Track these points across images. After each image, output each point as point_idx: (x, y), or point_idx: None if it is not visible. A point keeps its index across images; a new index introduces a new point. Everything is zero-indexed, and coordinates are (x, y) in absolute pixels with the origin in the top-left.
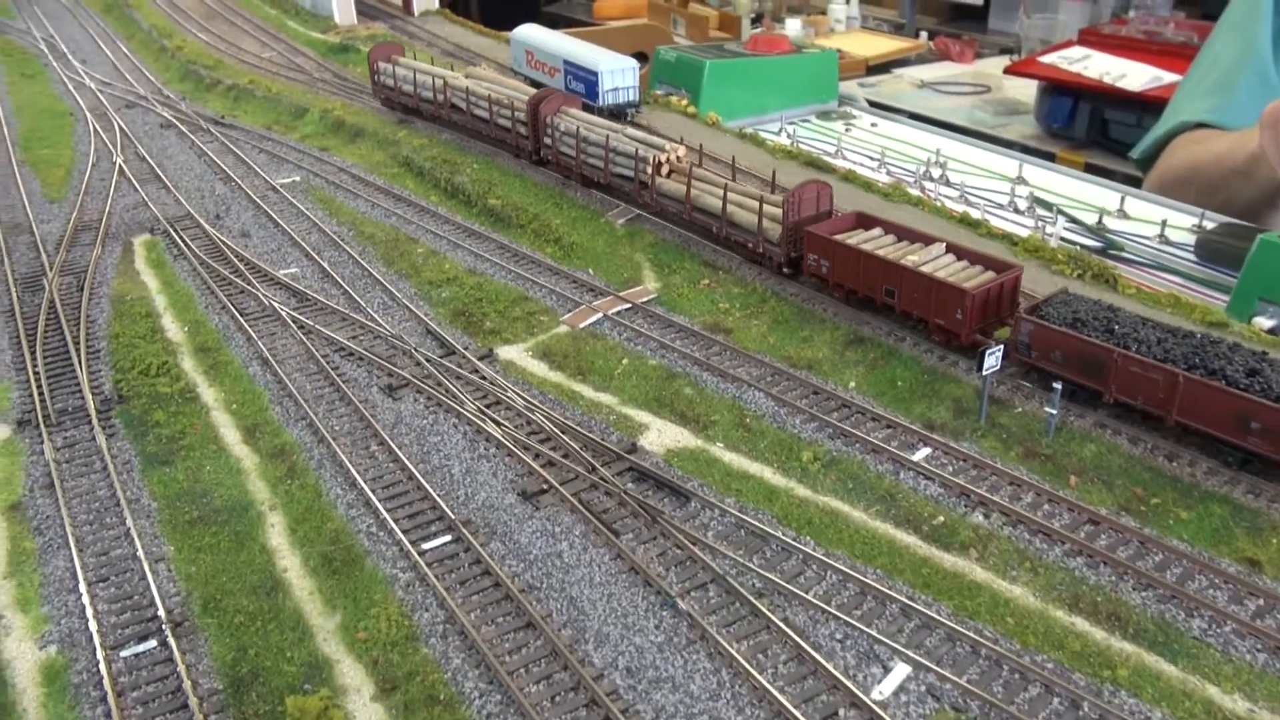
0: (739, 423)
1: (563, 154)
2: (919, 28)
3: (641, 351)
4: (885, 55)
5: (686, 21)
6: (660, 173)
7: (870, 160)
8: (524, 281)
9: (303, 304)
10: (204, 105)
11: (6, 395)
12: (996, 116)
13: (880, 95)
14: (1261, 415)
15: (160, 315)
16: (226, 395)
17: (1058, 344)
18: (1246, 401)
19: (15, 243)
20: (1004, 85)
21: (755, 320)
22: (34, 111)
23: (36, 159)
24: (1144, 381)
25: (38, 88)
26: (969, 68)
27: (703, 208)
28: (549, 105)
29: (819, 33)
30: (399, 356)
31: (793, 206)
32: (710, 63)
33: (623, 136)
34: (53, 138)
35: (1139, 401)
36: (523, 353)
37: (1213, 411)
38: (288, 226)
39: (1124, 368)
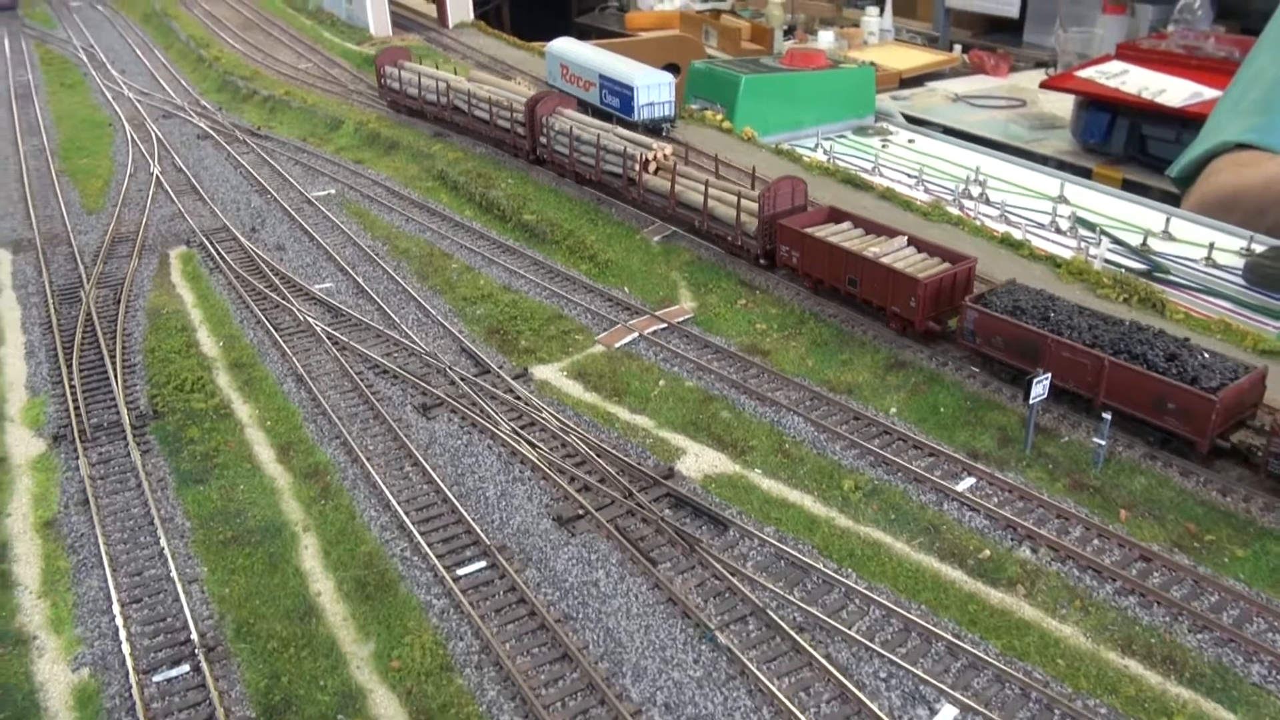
0: (778, 448)
1: (557, 153)
2: (953, 41)
3: (678, 373)
4: (919, 68)
5: (719, 33)
6: (648, 169)
7: (908, 178)
8: (559, 299)
9: (337, 319)
10: (240, 116)
11: (43, 409)
12: (1032, 131)
13: (914, 109)
14: (1176, 397)
15: (195, 329)
16: (261, 412)
17: (999, 330)
18: (1164, 384)
19: (53, 254)
20: (1039, 99)
21: (793, 342)
22: (73, 121)
23: (75, 169)
24: (1075, 366)
25: (77, 97)
26: (1004, 81)
27: (686, 203)
28: (545, 106)
29: (852, 45)
30: (433, 375)
31: (768, 200)
32: (746, 77)
33: (613, 136)
34: (91, 148)
35: (1070, 384)
36: (558, 372)
37: (1135, 393)
38: (323, 240)
39: (1057, 353)
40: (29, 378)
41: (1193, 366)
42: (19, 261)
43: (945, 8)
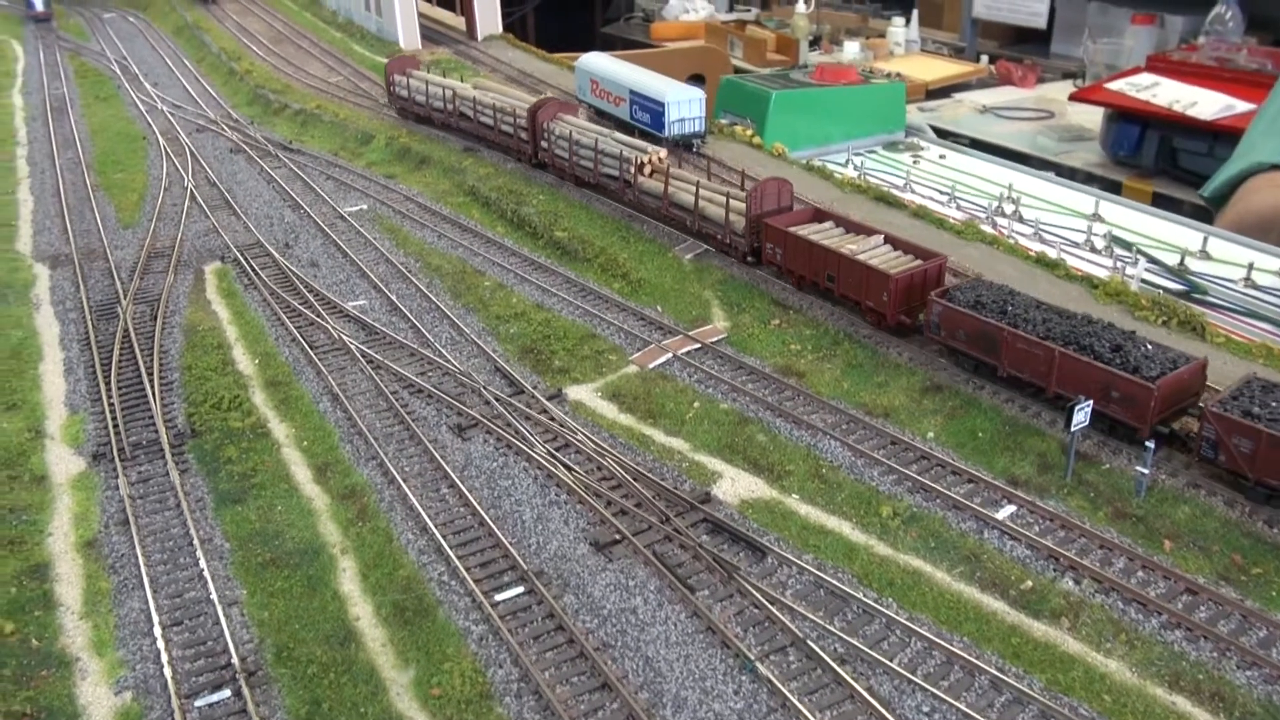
0: (815, 473)
1: (558, 156)
2: (980, 51)
3: (713, 395)
4: (945, 79)
5: (744, 44)
6: (643, 172)
7: (940, 194)
8: (592, 318)
9: (371, 337)
10: (272, 130)
11: (82, 427)
12: (1060, 143)
13: (940, 120)
14: (1119, 385)
15: (231, 346)
16: (297, 432)
17: (962, 323)
18: (1108, 373)
19: (91, 269)
20: (1067, 111)
21: (828, 364)
22: (108, 135)
23: (111, 183)
24: (1029, 356)
25: (112, 110)
26: (1031, 93)
27: (678, 203)
28: (546, 112)
29: (877, 56)
30: (468, 394)
31: (755, 200)
32: (776, 93)
33: (610, 140)
34: (127, 161)
35: (1025, 374)
36: (592, 393)
37: (1083, 382)
38: (356, 256)
39: (1013, 344)
40: (68, 395)
41: (1135, 357)
42: (57, 277)
43: (972, 18)
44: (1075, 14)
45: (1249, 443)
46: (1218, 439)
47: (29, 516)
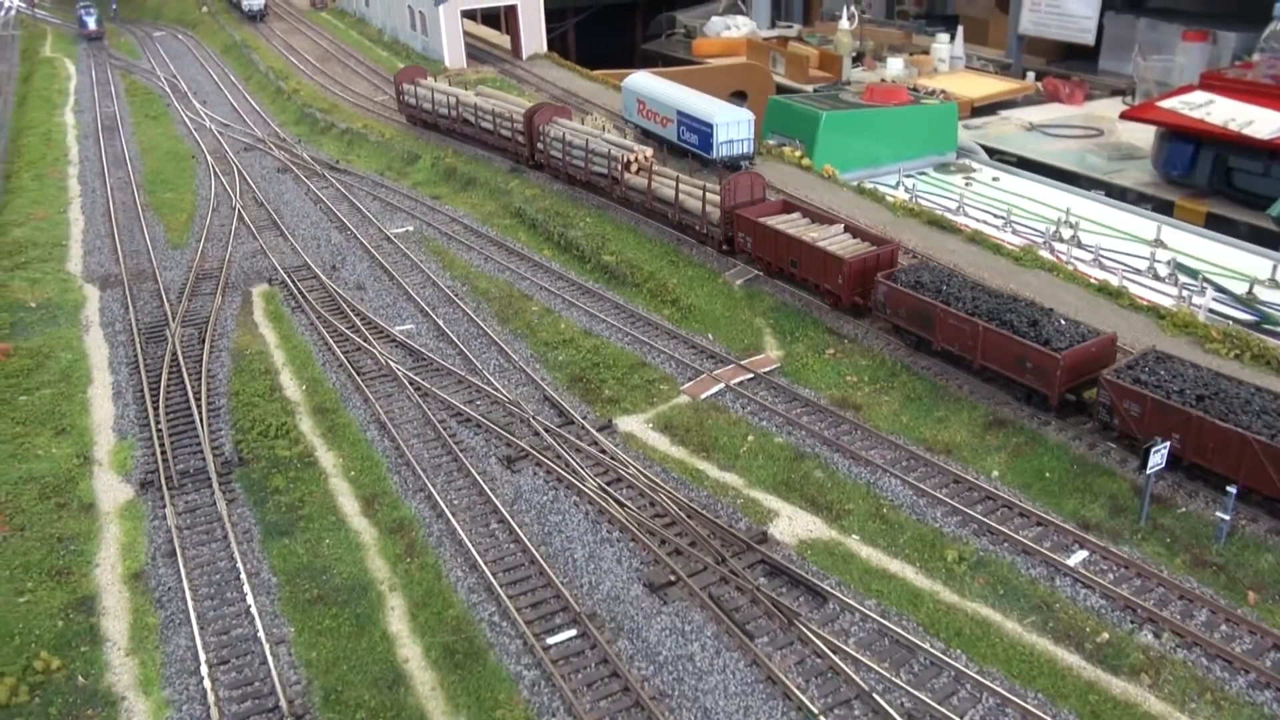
0: (875, 513)
1: (552, 157)
2: (1026, 68)
3: (767, 427)
4: (991, 96)
5: (786, 60)
6: (629, 170)
7: (994, 218)
8: (641, 346)
9: (419, 364)
10: (319, 149)
11: (130, 453)
12: (1110, 162)
13: (987, 138)
14: (1032, 356)
15: (279, 372)
16: (345, 461)
17: (903, 302)
18: (1022, 345)
19: (140, 290)
20: (1117, 129)
21: (886, 396)
22: (158, 154)
23: (160, 203)
24: (958, 332)
25: (161, 129)
26: (1079, 110)
27: (661, 198)
28: (541, 116)
29: (922, 73)
30: (517, 424)
31: (729, 192)
32: (826, 114)
33: (600, 140)
34: (175, 181)
35: (956, 348)
36: (643, 424)
37: (1002, 355)
38: (402, 279)
39: (945, 320)
40: (116, 420)
41: (1049, 331)
42: (106, 298)
43: (1018, 34)
44: (1124, 30)
45: (1137, 407)
46: (1112, 404)
47: (76, 546)
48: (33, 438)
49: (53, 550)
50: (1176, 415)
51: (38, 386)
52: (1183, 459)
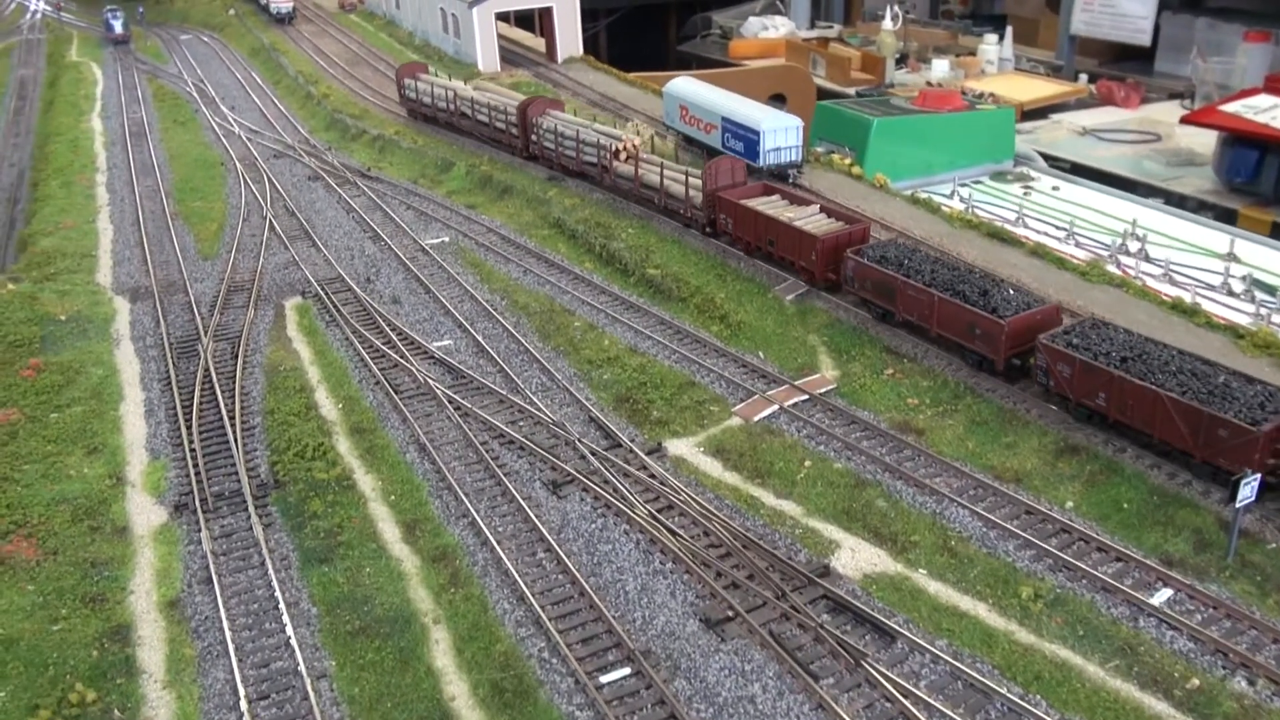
0: (943, 545)
1: (545, 148)
2: (1079, 70)
3: (825, 452)
4: (1042, 100)
5: (826, 62)
6: (618, 158)
7: (1056, 229)
8: (690, 364)
9: (458, 382)
10: (350, 156)
11: (163, 474)
12: (1169, 168)
13: (1038, 143)
14: (980, 323)
15: (314, 389)
16: (384, 484)
17: (869, 275)
18: (972, 313)
19: (170, 303)
20: (1175, 133)
21: (950, 420)
22: (186, 161)
23: (190, 211)
24: (917, 302)
25: (189, 135)
26: (1135, 114)
27: (648, 184)
28: (535, 109)
29: (969, 75)
30: (561, 447)
31: (710, 176)
32: (878, 120)
33: (590, 130)
34: (205, 189)
35: (915, 318)
36: (694, 448)
37: (955, 323)
38: (439, 293)
39: (904, 291)
40: (149, 439)
41: (997, 300)
42: (137, 311)
43: (1070, 35)
44: (1182, 31)
45: (1068, 368)
46: (1048, 366)
47: (110, 572)
48: (64, 457)
49: (86, 576)
50: (1101, 375)
51: (69, 403)
52: (1108, 417)
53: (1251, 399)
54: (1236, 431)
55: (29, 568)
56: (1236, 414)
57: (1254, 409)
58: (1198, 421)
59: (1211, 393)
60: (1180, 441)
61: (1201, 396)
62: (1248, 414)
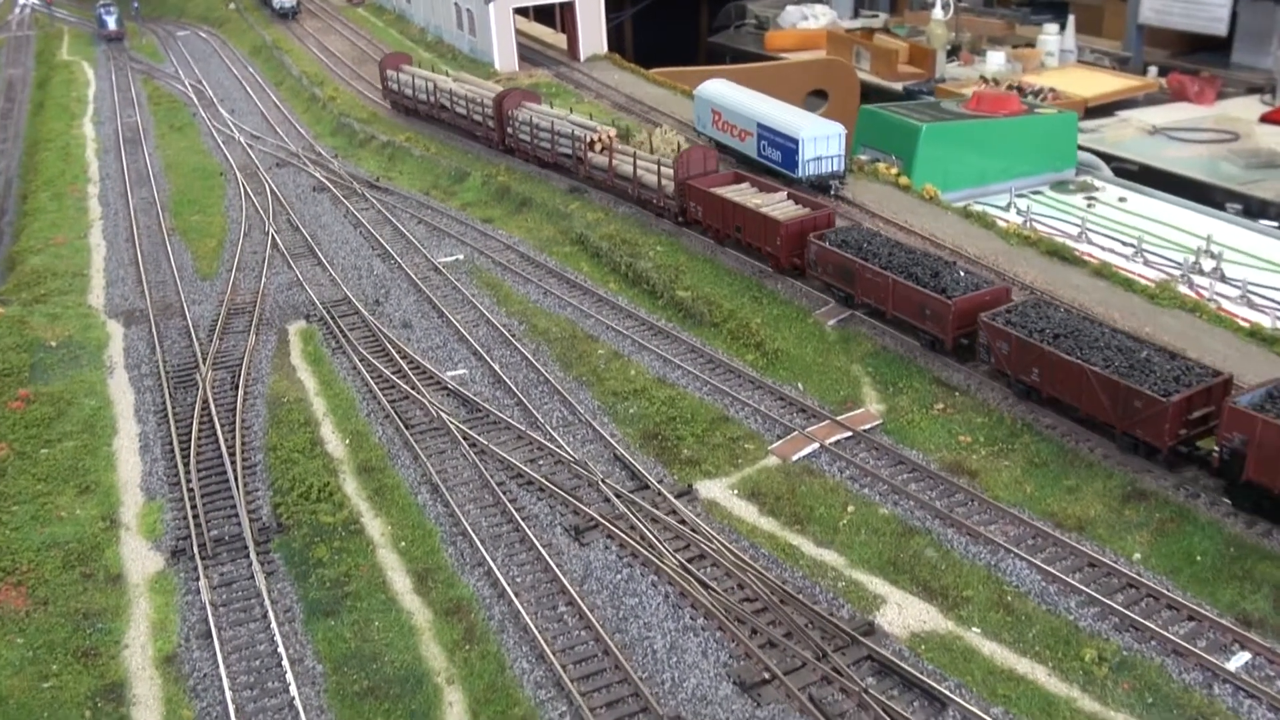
0: (998, 601)
1: (521, 141)
2: (1147, 62)
3: (869, 496)
4: (1107, 95)
5: (871, 55)
6: (593, 149)
7: (1123, 246)
8: (723, 397)
9: (473, 415)
10: (357, 164)
11: (160, 516)
12: (1248, 170)
13: (1103, 143)
14: (930, 304)
15: (320, 423)
16: (394, 529)
17: (830, 259)
18: (923, 294)
19: (167, 327)
20: (1254, 132)
21: (1005, 460)
22: (184, 170)
23: (187, 226)
24: (874, 285)
25: (187, 141)
26: (1210, 110)
27: (621, 174)
28: (510, 101)
29: (1027, 68)
30: (584, 489)
31: (682, 165)
32: (926, 125)
33: (565, 122)
34: (203, 201)
35: (873, 300)
36: (727, 490)
37: (908, 304)
38: (453, 316)
39: (863, 275)
40: (144, 477)
41: (947, 282)
42: (131, 336)
43: (1138, 24)
44: (1262, 19)
45: (1006, 345)
46: (989, 343)
47: (104, 624)
48: (55, 497)
49: (78, 628)
50: (1035, 351)
51: (59, 438)
52: (1042, 393)
53: (1168, 373)
54: (1149, 403)
55: (18, 619)
56: (1151, 386)
57: (1168, 382)
58: (1116, 394)
59: (1132, 367)
60: (1103, 414)
61: (1122, 370)
62: (1161, 386)
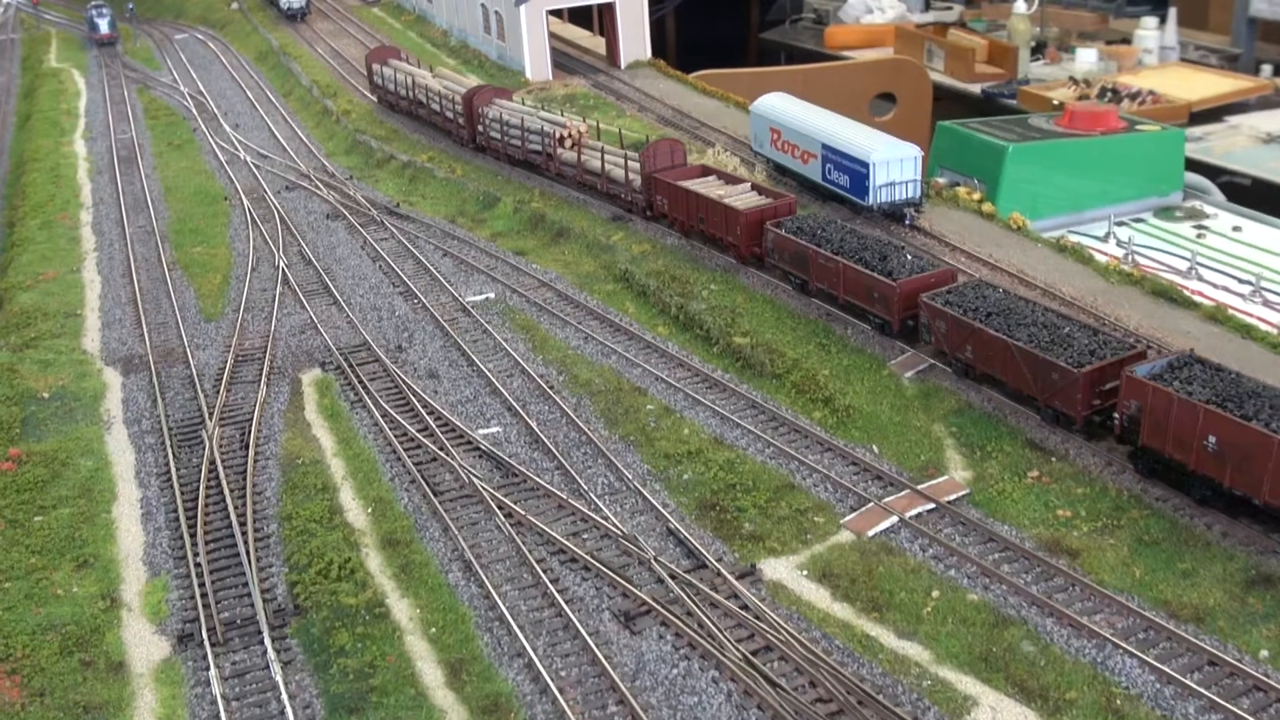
0: (1106, 705)
1: (492, 138)
2: (1260, 60)
3: (956, 579)
4: (1215, 99)
5: (945, 53)
6: (563, 145)
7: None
8: (788, 461)
9: (508, 481)
10: (375, 187)
11: (165, 595)
12: None
13: (1210, 153)
14: (877, 287)
15: (338, 488)
16: (423, 613)
17: (786, 247)
18: (870, 278)
19: (169, 376)
20: None
21: (1111, 538)
22: (184, 194)
23: (189, 260)
24: (827, 271)
25: (187, 161)
26: None
27: (590, 170)
28: (481, 97)
29: (1122, 68)
30: (635, 568)
31: (648, 159)
32: (1013, 146)
33: (535, 119)
34: (206, 230)
35: (825, 286)
36: (795, 571)
37: (857, 288)
38: (484, 364)
39: (816, 261)
40: (147, 550)
41: (895, 266)
42: (130, 386)
43: (1249, 17)
44: None
45: (944, 324)
46: (929, 323)
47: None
48: (51, 572)
49: None
50: (967, 329)
51: (55, 504)
52: (975, 369)
53: (1085, 346)
54: (1063, 374)
55: (13, 713)
56: (1066, 359)
57: (1084, 355)
58: (1036, 367)
59: (1054, 341)
60: (1026, 387)
61: (1043, 345)
62: (1076, 359)
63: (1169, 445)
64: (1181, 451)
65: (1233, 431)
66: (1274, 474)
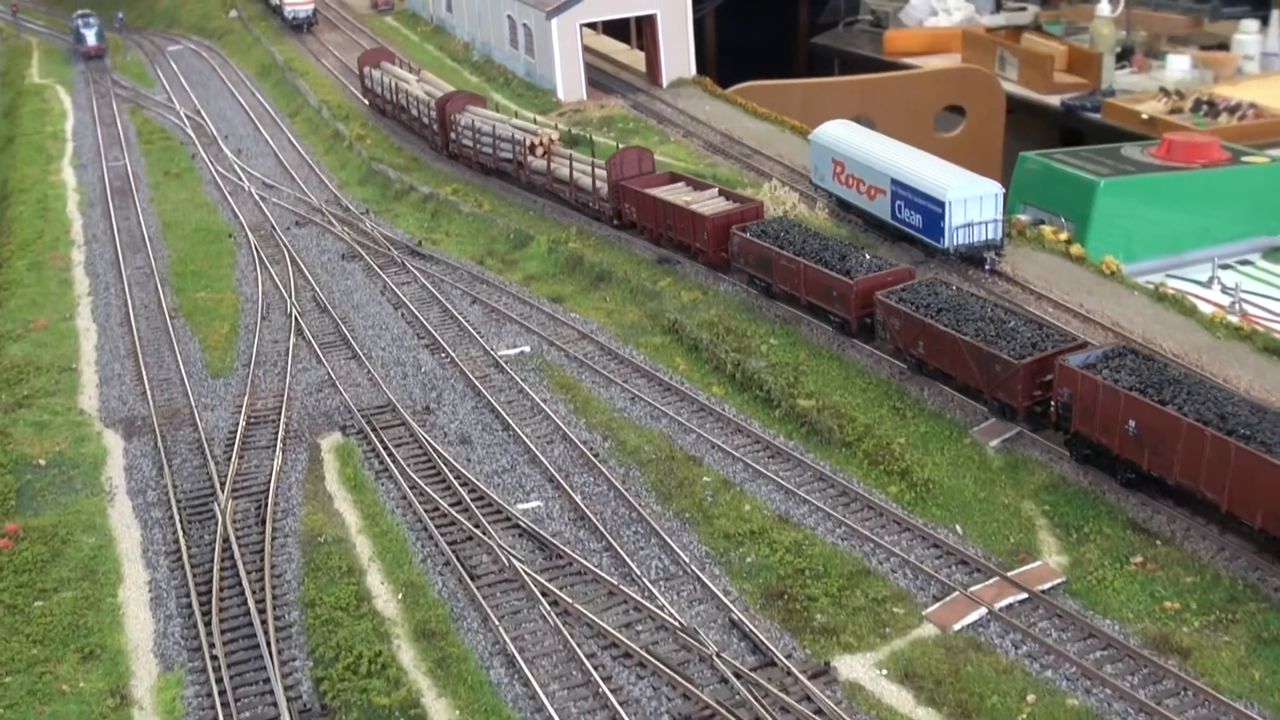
0: None
1: (465, 146)
2: None
3: (1053, 680)
4: None
5: (1020, 61)
6: (533, 153)
7: None
8: (863, 543)
9: (552, 563)
10: (394, 223)
11: (179, 692)
12: None
13: None
14: (836, 286)
15: (365, 570)
16: (463, 714)
17: (752, 250)
18: (830, 277)
19: (175, 440)
20: None
21: (1225, 635)
22: (185, 231)
23: (193, 306)
24: (790, 273)
25: (186, 192)
26: None
27: (560, 178)
28: (454, 104)
29: (1219, 76)
30: (695, 665)
31: (615, 167)
32: (1105, 180)
33: (506, 126)
34: (210, 272)
35: (788, 287)
36: (874, 670)
37: (817, 288)
38: (521, 429)
39: (779, 263)
40: (157, 640)
41: (853, 265)
42: (133, 452)
43: None
44: None
45: (897, 321)
46: (884, 320)
47: None
48: (54, 665)
49: None
50: (918, 325)
51: (56, 587)
52: (927, 364)
53: (1028, 339)
54: (1005, 366)
55: None
56: (1009, 351)
57: (1026, 347)
58: (980, 359)
59: (999, 335)
60: (973, 380)
61: (988, 338)
62: (1018, 351)
63: (1096, 430)
64: (1107, 436)
65: (1149, 416)
66: (1183, 456)
